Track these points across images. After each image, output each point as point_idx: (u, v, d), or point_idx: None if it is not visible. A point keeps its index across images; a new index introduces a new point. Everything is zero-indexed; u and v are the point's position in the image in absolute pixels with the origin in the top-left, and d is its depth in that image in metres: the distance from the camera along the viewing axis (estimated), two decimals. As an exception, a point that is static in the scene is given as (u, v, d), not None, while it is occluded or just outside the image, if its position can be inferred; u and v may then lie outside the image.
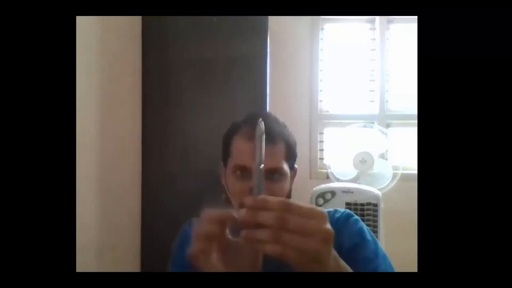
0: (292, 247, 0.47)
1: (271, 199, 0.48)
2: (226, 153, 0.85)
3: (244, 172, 0.79)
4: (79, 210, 0.93)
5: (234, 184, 0.81)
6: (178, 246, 0.84)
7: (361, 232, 0.81)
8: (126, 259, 2.16)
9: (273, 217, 0.47)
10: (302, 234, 0.47)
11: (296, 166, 0.87)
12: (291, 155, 0.84)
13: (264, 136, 0.52)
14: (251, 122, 0.78)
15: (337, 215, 0.85)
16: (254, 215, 0.48)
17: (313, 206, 0.51)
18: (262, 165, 0.52)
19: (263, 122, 0.52)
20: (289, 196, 0.85)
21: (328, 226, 0.50)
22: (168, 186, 2.06)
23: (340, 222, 0.83)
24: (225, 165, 0.85)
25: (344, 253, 0.51)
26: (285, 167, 0.81)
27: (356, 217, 0.85)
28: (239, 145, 0.81)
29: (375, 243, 0.81)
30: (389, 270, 0.77)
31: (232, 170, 0.81)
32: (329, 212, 0.87)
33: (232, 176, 0.81)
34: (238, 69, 2.05)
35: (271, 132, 0.78)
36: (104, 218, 2.15)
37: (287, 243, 0.47)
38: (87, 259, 2.03)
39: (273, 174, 0.79)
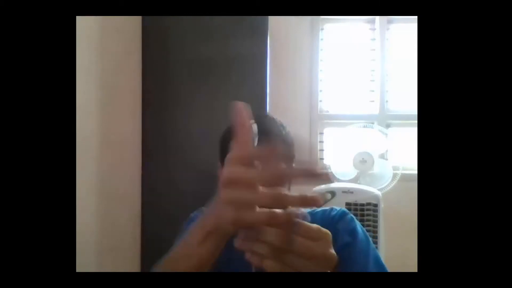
0: (292, 268, 0.45)
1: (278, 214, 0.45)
2: (223, 155, 0.85)
3: None
4: (79, 211, 0.93)
5: None
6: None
7: (353, 231, 0.82)
8: (126, 260, 2.16)
9: (277, 235, 0.44)
10: (306, 257, 0.45)
11: (294, 165, 0.88)
12: (289, 156, 0.84)
13: (256, 139, 0.50)
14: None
15: (333, 213, 0.86)
16: (258, 231, 0.45)
17: (319, 226, 0.48)
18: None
19: (256, 125, 0.50)
20: None
21: (332, 250, 0.48)
22: (168, 186, 2.06)
23: (335, 220, 0.84)
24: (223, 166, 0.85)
25: (335, 252, 0.50)
26: None
27: (351, 215, 0.85)
28: None
29: (368, 244, 0.81)
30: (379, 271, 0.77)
31: None
32: (325, 210, 0.88)
33: None
34: (238, 69, 2.05)
35: (268, 134, 0.78)
36: (104, 218, 2.15)
37: (288, 264, 0.45)
38: (87, 259, 2.03)
39: None
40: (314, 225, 0.48)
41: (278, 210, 0.45)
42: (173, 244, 0.83)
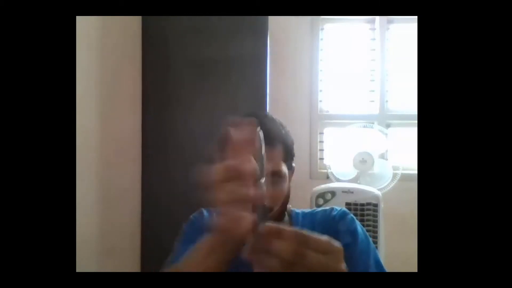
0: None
1: (287, 229, 0.45)
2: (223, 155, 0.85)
3: None
4: (79, 210, 0.93)
5: None
6: (189, 228, 0.85)
7: (354, 232, 0.82)
8: (126, 259, 2.16)
9: (288, 249, 0.44)
10: (315, 271, 0.45)
11: (294, 165, 0.88)
12: (289, 156, 0.84)
13: (264, 146, 0.49)
14: None
15: (334, 213, 0.86)
16: (267, 243, 0.44)
17: (330, 239, 0.47)
18: (264, 179, 0.49)
19: (262, 132, 0.49)
20: (288, 195, 0.85)
21: (343, 265, 0.47)
22: (168, 186, 2.06)
23: (336, 221, 0.84)
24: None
25: None
26: (284, 168, 0.81)
27: (351, 216, 0.85)
28: None
29: (368, 244, 0.81)
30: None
31: None
32: (325, 210, 0.88)
33: None
34: (238, 69, 2.05)
35: (269, 135, 0.78)
36: (104, 218, 2.15)
37: None
38: (87, 259, 2.03)
39: (273, 177, 0.79)
40: (325, 238, 0.46)
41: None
42: (173, 245, 0.84)
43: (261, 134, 0.49)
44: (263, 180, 0.49)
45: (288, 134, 0.86)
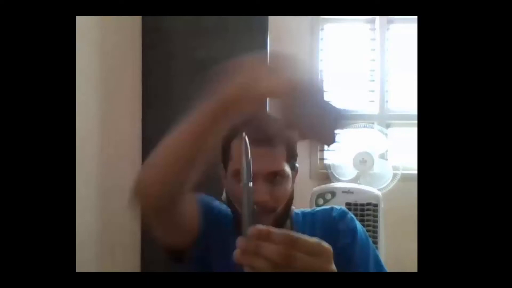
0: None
1: (276, 231, 0.45)
2: (226, 156, 0.84)
3: None
4: (79, 210, 0.93)
5: (236, 188, 0.80)
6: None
7: (354, 232, 0.82)
8: (126, 259, 2.16)
9: (276, 251, 0.44)
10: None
11: (297, 165, 0.88)
12: (292, 156, 0.84)
13: (249, 152, 0.49)
14: (250, 124, 0.78)
15: (333, 213, 0.86)
16: (256, 246, 0.45)
17: (319, 241, 0.48)
18: (251, 183, 0.49)
19: (247, 137, 0.49)
20: (291, 195, 0.85)
21: (333, 266, 0.48)
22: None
23: (336, 221, 0.84)
24: (225, 167, 0.85)
25: (335, 252, 0.50)
26: (287, 169, 0.81)
27: (351, 215, 0.85)
28: (239, 149, 0.81)
29: (368, 244, 0.81)
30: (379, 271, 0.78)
31: (233, 174, 0.80)
32: (325, 210, 0.88)
33: (234, 180, 0.80)
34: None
35: (270, 135, 0.78)
36: (104, 218, 2.15)
37: None
38: (87, 258, 2.03)
39: (275, 177, 0.79)
40: (315, 240, 0.47)
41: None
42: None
43: (246, 139, 0.49)
44: (251, 184, 0.49)
45: (290, 134, 0.85)
